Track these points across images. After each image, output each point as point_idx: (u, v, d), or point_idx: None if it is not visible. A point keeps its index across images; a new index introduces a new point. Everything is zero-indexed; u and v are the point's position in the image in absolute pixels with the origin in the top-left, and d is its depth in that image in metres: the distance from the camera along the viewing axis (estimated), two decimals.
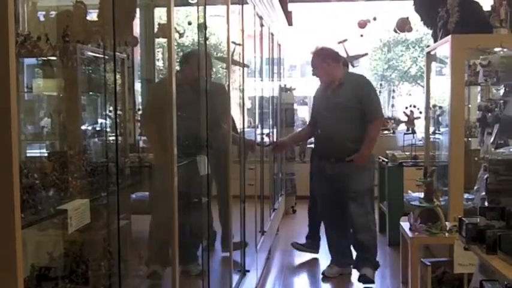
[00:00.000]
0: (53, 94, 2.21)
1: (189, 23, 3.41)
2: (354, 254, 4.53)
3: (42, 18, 2.06)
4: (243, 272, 3.94)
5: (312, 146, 5.16)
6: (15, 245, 1.23)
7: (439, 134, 4.94)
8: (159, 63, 3.34)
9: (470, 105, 4.77)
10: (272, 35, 6.15)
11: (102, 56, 1.98)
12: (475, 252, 2.27)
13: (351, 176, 4.29)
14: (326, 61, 4.38)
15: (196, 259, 3.25)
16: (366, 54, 8.44)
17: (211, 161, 2.96)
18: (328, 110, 4.37)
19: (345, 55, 6.88)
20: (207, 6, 3.00)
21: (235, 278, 3.70)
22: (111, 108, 2.06)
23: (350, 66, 6.28)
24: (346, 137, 4.30)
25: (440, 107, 4.95)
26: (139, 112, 3.34)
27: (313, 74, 4.51)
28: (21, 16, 1.99)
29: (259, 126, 5.57)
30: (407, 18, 7.56)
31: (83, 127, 2.34)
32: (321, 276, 4.64)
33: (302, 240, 5.37)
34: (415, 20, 6.27)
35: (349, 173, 4.28)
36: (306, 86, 13.10)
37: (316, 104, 4.68)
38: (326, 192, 4.52)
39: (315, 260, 5.15)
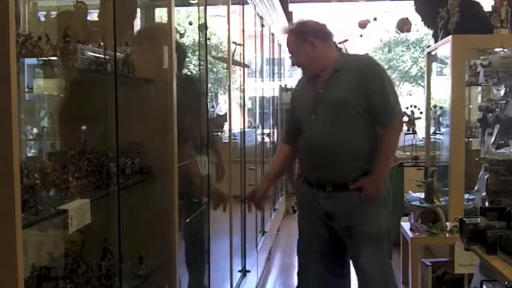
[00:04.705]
0: (53, 94, 2.21)
1: (190, 23, 3.41)
2: None
3: (42, 19, 2.06)
4: (244, 272, 3.95)
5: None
6: (16, 245, 1.24)
7: (440, 134, 4.94)
8: None
9: (470, 106, 4.77)
10: (273, 35, 6.16)
11: (102, 56, 1.98)
12: (476, 253, 2.27)
13: (359, 212, 2.78)
14: (308, 40, 2.80)
15: None
16: (367, 54, 8.44)
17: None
18: (318, 112, 2.80)
19: None
20: (207, 7, 3.00)
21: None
22: None
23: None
24: (348, 151, 2.75)
25: (441, 107, 4.96)
26: None
27: (293, 64, 3.02)
28: (22, 16, 1.99)
29: (260, 126, 5.59)
30: (407, 18, 7.58)
31: (83, 127, 2.34)
32: None
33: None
34: (416, 20, 6.27)
35: (357, 209, 2.78)
36: None
37: (298, 105, 2.99)
38: (320, 241, 2.96)
39: None
